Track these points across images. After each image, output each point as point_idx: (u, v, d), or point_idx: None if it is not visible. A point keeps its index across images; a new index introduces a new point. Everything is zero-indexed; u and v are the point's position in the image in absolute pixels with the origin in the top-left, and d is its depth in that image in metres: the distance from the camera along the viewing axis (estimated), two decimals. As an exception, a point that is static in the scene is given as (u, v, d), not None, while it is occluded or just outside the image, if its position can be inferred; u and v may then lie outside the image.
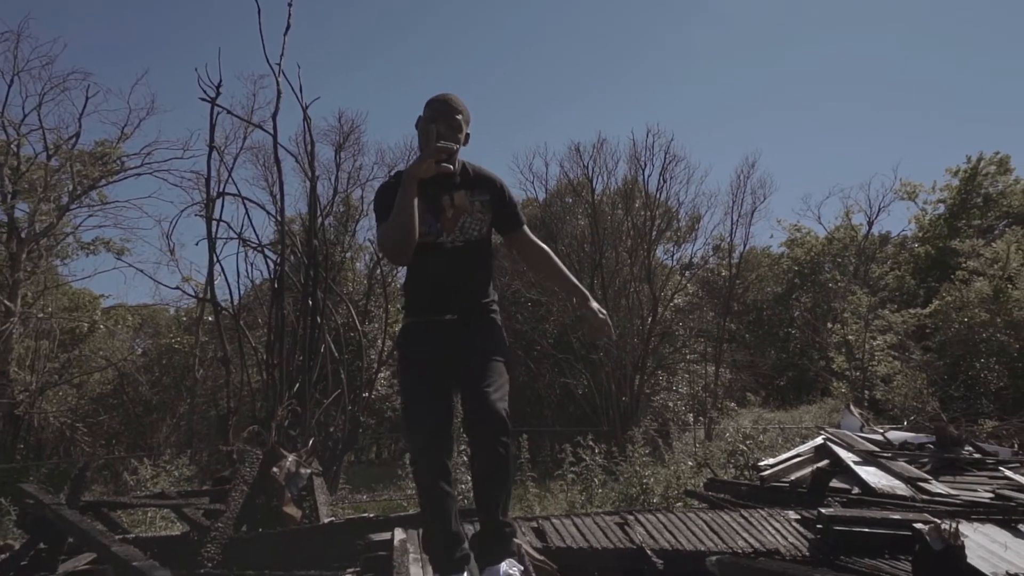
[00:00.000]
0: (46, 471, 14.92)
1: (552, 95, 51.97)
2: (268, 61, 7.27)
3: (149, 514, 7.74)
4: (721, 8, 51.29)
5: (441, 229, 2.21)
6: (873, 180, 25.82)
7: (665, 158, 17.41)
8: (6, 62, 17.93)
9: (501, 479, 2.18)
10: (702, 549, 3.37)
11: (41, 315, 18.33)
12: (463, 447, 5.93)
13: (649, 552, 3.36)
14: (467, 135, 2.28)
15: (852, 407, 7.27)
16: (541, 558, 3.36)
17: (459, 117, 2.22)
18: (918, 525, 3.07)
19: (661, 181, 17.43)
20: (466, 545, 2.26)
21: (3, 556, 4.36)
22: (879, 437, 6.22)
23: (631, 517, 3.84)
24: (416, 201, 2.08)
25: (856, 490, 4.87)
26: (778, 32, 51.51)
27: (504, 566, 2.21)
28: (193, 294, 15.98)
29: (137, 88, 27.14)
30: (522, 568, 2.41)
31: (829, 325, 19.50)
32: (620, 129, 47.18)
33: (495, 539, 2.22)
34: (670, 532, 3.64)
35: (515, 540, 2.49)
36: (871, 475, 4.97)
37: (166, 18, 43.46)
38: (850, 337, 17.14)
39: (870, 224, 25.72)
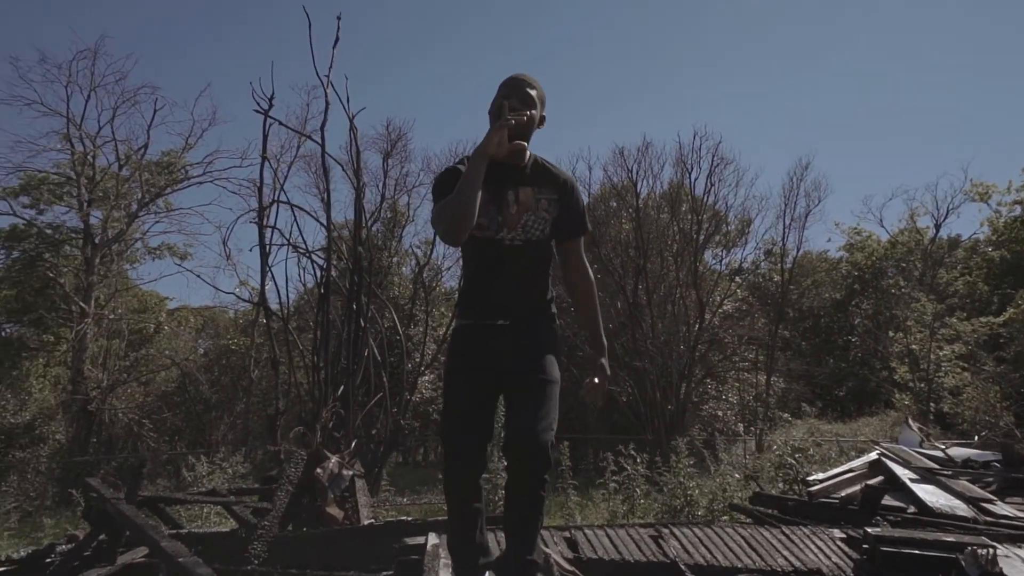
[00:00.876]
0: (116, 464, 15.83)
1: (597, 98, 51.67)
2: (318, 74, 7.53)
3: (205, 509, 8.10)
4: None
5: (502, 224, 2.05)
6: (941, 180, 24.42)
7: (713, 161, 17.03)
8: (84, 78, 19.16)
9: (534, 514, 2.04)
10: (739, 566, 3.27)
11: (112, 316, 19.51)
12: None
13: (683, 567, 3.29)
14: (542, 117, 2.13)
15: (911, 421, 6.90)
16: (571, 569, 3.34)
17: (532, 92, 2.05)
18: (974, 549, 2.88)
19: (708, 184, 17.05)
20: (491, 557, 2.24)
21: (70, 546, 4.63)
22: (939, 454, 5.88)
23: (666, 530, 3.76)
24: (481, 184, 1.91)
25: (912, 509, 4.62)
26: (831, 28, 49.57)
27: None
28: (247, 299, 16.65)
29: (200, 100, 28.68)
30: None
31: (891, 333, 18.55)
32: (666, 132, 46.37)
33: (519, 571, 2.07)
34: (706, 547, 3.55)
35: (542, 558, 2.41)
36: (929, 493, 4.70)
37: (227, 32, 45.62)
38: (914, 347, 16.27)
39: (937, 227, 24.34)
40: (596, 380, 2.12)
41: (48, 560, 4.30)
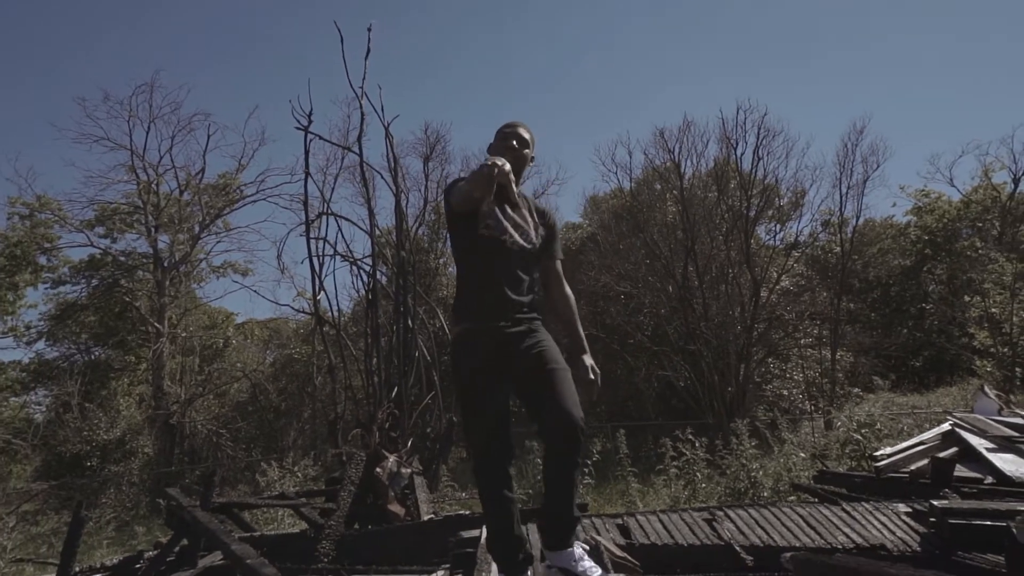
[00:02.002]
0: (199, 473, 16.80)
1: (636, 82, 50.61)
2: (352, 86, 7.71)
3: (279, 513, 8.51)
4: (817, -37, 47.38)
5: (505, 228, 2.30)
6: (1018, 131, 22.59)
7: (759, 134, 16.38)
8: (143, 111, 20.35)
9: (573, 481, 2.26)
10: (796, 545, 3.18)
11: (184, 334, 20.66)
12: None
13: (738, 548, 3.23)
14: (532, 157, 2.51)
15: (987, 389, 6.49)
16: (623, 555, 3.32)
17: (527, 136, 2.47)
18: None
19: (756, 158, 16.41)
20: (529, 547, 2.37)
21: (155, 552, 4.96)
22: (1020, 420, 5.51)
23: (720, 513, 3.70)
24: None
25: (989, 479, 4.36)
26: (887, -21, 46.69)
27: (577, 550, 2.28)
28: (302, 309, 17.24)
29: (249, 123, 30.04)
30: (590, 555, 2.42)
31: (967, 298, 17.42)
32: (709, 110, 44.94)
33: (566, 526, 2.28)
34: (762, 528, 3.47)
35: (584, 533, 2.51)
36: (1007, 463, 4.42)
37: (268, 52, 47.26)
38: (994, 310, 15.24)
39: (1016, 181, 22.54)
40: (591, 375, 2.35)
41: (137, 566, 4.60)
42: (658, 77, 51.01)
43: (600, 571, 2.27)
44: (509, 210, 2.35)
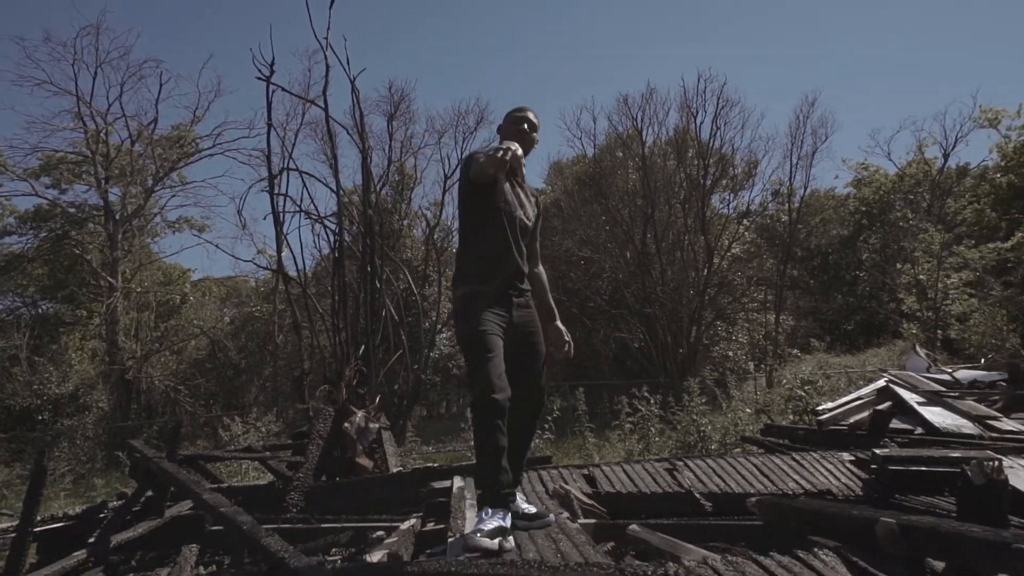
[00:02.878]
0: (156, 428, 16.39)
1: (601, 48, 49.96)
2: (316, 36, 7.32)
3: (244, 466, 8.39)
4: (778, -64, 47.21)
5: (518, 204, 2.55)
6: (949, 109, 23.56)
7: (718, 103, 16.51)
8: (89, 55, 18.89)
9: (529, 446, 2.73)
10: (751, 491, 3.33)
11: (139, 289, 19.81)
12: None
13: (697, 495, 3.36)
14: (537, 140, 2.71)
15: (918, 348, 6.88)
16: (590, 502, 3.42)
17: (534, 119, 2.66)
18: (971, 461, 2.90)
19: (714, 128, 16.58)
20: (515, 490, 2.53)
21: (120, 502, 4.82)
22: (947, 377, 5.87)
23: (680, 463, 3.83)
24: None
25: (919, 430, 4.66)
26: (842, -44, 47.00)
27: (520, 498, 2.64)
28: (265, 266, 16.74)
29: (204, 72, 28.09)
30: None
31: (899, 265, 18.30)
32: (671, 78, 44.86)
33: (519, 478, 2.68)
34: (719, 476, 3.61)
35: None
36: (935, 415, 4.73)
37: (225, 1, 44.37)
38: (922, 277, 16.08)
39: (946, 157, 23.61)
40: (562, 334, 2.72)
41: (101, 516, 4.48)
42: (625, 44, 50.50)
43: (532, 508, 2.61)
44: (517, 190, 2.59)
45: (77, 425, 14.97)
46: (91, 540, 3.55)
